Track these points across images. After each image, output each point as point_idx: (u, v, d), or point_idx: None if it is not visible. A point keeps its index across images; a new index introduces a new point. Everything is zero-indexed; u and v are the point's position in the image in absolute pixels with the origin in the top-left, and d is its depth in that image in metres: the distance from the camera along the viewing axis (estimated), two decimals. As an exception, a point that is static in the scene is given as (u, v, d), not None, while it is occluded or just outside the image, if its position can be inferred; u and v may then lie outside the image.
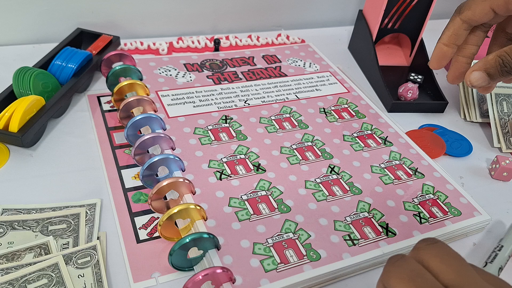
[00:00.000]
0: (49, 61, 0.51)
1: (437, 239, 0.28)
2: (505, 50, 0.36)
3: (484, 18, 0.38)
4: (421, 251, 0.27)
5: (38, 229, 0.37)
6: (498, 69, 0.36)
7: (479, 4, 0.38)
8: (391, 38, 0.67)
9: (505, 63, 0.36)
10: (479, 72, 0.37)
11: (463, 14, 0.39)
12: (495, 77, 0.37)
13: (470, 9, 0.38)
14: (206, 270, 0.32)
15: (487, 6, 0.37)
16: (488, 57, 0.37)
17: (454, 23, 0.40)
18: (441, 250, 0.27)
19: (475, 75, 0.37)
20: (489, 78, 0.37)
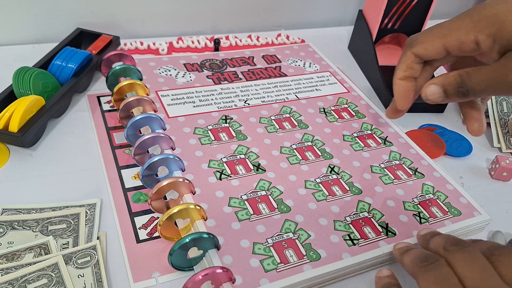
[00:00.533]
0: (49, 61, 0.51)
1: (469, 243, 0.31)
2: (467, 71, 0.35)
3: (436, 55, 0.37)
4: (451, 254, 0.31)
5: (38, 229, 0.37)
6: (455, 88, 0.35)
7: (432, 41, 0.36)
8: (391, 38, 0.67)
9: (463, 84, 0.35)
10: (437, 87, 0.36)
11: (414, 48, 0.37)
12: (450, 95, 0.36)
13: (422, 44, 0.37)
14: (206, 270, 0.32)
15: (440, 44, 0.36)
16: (449, 74, 0.36)
17: (406, 57, 0.38)
18: (468, 255, 0.30)
19: (432, 89, 0.36)
20: (445, 95, 0.36)
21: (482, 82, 0.34)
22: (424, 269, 0.31)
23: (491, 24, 0.33)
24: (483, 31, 0.33)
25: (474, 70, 0.34)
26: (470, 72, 0.35)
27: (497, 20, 0.33)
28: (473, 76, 0.34)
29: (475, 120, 0.40)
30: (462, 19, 0.35)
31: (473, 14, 0.34)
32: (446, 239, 0.33)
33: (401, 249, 0.36)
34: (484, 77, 0.34)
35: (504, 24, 0.32)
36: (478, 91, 0.34)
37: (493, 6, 0.33)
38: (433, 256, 0.32)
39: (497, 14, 0.33)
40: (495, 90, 0.34)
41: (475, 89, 0.34)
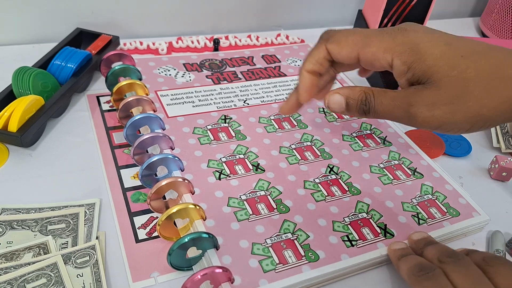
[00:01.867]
0: (49, 61, 0.51)
1: (463, 254, 0.34)
2: (374, 91, 0.34)
3: (347, 60, 0.35)
4: (446, 265, 0.32)
5: (37, 228, 0.37)
6: (357, 103, 0.34)
7: (348, 46, 0.35)
8: (390, 38, 0.67)
9: (367, 102, 0.33)
10: (341, 97, 0.34)
11: (330, 44, 0.35)
12: (351, 109, 0.34)
13: (339, 44, 0.35)
14: (205, 269, 0.32)
15: (355, 52, 0.34)
16: (356, 88, 0.34)
17: (320, 50, 0.36)
18: (463, 267, 0.32)
19: (336, 98, 0.35)
20: (346, 107, 0.35)
21: (385, 106, 0.33)
22: (421, 278, 0.32)
23: (411, 53, 0.32)
24: (401, 56, 0.32)
25: (381, 92, 0.33)
26: (376, 93, 0.33)
27: (417, 50, 0.32)
28: (378, 98, 0.33)
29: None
30: (384, 36, 0.34)
31: (396, 35, 0.33)
32: (441, 251, 0.35)
33: (397, 253, 0.36)
34: (388, 102, 0.33)
35: (423, 57, 0.32)
36: (379, 113, 0.33)
37: (417, 34, 0.33)
38: (430, 266, 0.33)
39: (418, 43, 0.32)
40: (395, 117, 0.33)
41: (377, 110, 0.33)
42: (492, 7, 0.77)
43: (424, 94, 0.31)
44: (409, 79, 0.33)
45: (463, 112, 0.31)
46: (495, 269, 0.31)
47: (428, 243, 0.37)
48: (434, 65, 0.31)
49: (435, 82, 0.31)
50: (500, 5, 0.75)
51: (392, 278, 0.38)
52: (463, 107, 0.31)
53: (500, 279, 0.31)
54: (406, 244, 0.38)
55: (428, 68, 0.31)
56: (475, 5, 0.88)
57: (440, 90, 0.31)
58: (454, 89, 0.31)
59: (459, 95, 0.31)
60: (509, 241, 0.42)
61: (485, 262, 0.32)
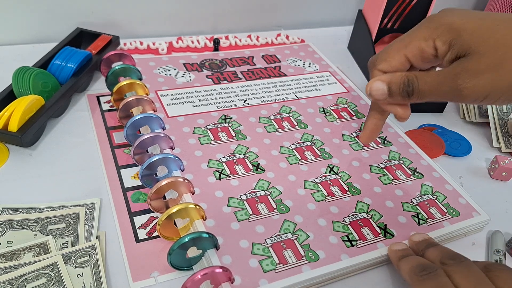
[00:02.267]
0: (49, 61, 0.51)
1: (465, 257, 0.34)
2: (415, 73, 0.35)
3: (401, 67, 0.36)
4: (448, 267, 0.33)
5: (37, 228, 0.37)
6: (400, 87, 0.35)
7: (394, 55, 0.36)
8: (390, 38, 0.67)
9: (410, 83, 0.35)
10: (382, 83, 0.36)
11: (379, 66, 0.37)
12: (394, 94, 0.35)
13: (385, 60, 0.37)
14: (205, 269, 0.32)
15: (402, 55, 0.36)
16: (397, 73, 0.36)
17: (375, 75, 0.38)
18: (465, 268, 0.32)
19: (377, 85, 0.36)
20: (389, 93, 0.36)
21: (430, 84, 0.34)
22: (423, 278, 0.32)
23: (448, 32, 0.34)
24: (440, 37, 0.34)
25: (422, 73, 0.35)
26: (418, 74, 0.35)
27: (452, 28, 0.34)
28: (421, 77, 0.34)
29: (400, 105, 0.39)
30: (419, 28, 0.36)
31: (430, 23, 0.35)
32: (443, 253, 0.35)
33: (397, 253, 0.36)
34: (431, 79, 0.34)
35: (459, 32, 0.33)
36: (424, 92, 0.34)
37: (450, 17, 0.34)
38: (432, 266, 0.33)
39: (453, 22, 0.34)
40: (442, 94, 0.34)
41: (421, 89, 0.34)
42: (492, 7, 0.77)
43: (466, 65, 0.32)
44: (452, 57, 0.34)
45: (508, 78, 0.32)
46: (497, 274, 0.32)
47: (429, 245, 0.37)
48: (471, 38, 0.32)
49: (475, 52, 0.32)
50: (500, 5, 0.75)
51: (392, 278, 0.38)
52: (507, 73, 0.32)
53: (501, 282, 0.31)
54: (406, 245, 0.38)
55: (466, 41, 0.33)
56: (475, 5, 0.88)
57: (481, 59, 0.32)
58: (494, 56, 0.32)
59: (501, 61, 0.31)
60: (509, 241, 0.42)
61: (487, 268, 0.32)
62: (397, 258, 0.36)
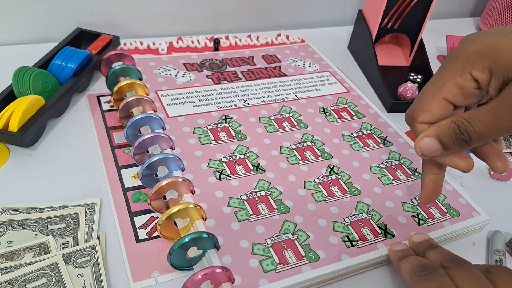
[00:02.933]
0: (49, 61, 0.51)
1: (465, 260, 0.34)
2: (463, 116, 0.30)
3: (443, 113, 0.32)
4: (448, 270, 0.32)
5: (38, 228, 0.37)
6: (453, 136, 0.30)
7: (432, 102, 0.32)
8: (390, 38, 0.67)
9: (462, 130, 0.30)
10: (431, 139, 0.31)
11: (419, 119, 0.33)
12: (449, 146, 0.31)
13: (423, 111, 0.32)
14: (205, 269, 0.32)
15: (441, 99, 0.31)
16: (442, 122, 0.31)
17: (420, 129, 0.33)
18: (466, 271, 0.32)
19: (426, 141, 0.31)
20: (442, 147, 0.31)
21: (485, 123, 0.29)
22: (424, 278, 0.32)
23: (482, 58, 0.29)
24: (476, 67, 0.29)
25: (473, 112, 0.30)
26: (467, 116, 0.30)
27: (485, 53, 0.29)
28: (472, 119, 0.30)
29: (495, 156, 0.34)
30: (449, 66, 0.31)
31: (456, 56, 0.31)
32: (443, 256, 0.35)
33: (397, 253, 0.36)
34: (486, 117, 0.29)
35: (496, 55, 0.29)
36: (483, 133, 0.29)
37: (474, 42, 0.30)
38: (432, 266, 0.33)
39: (483, 47, 0.29)
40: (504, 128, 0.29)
41: (479, 132, 0.29)
42: (492, 7, 0.77)
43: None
44: (498, 84, 0.29)
45: None
46: (497, 276, 0.31)
47: (430, 247, 0.37)
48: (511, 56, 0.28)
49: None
50: (500, 5, 0.75)
51: (392, 278, 0.38)
52: None
53: (502, 284, 0.31)
54: (406, 245, 0.38)
55: (508, 61, 0.28)
56: (475, 5, 0.88)
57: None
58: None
59: None
60: (509, 241, 0.42)
61: (487, 271, 0.32)
62: (397, 258, 0.36)
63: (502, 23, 0.75)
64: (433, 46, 0.74)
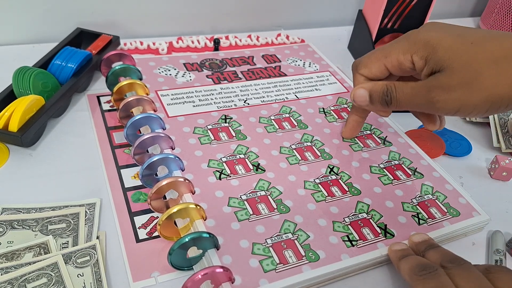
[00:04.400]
0: (49, 61, 0.51)
1: (465, 260, 0.34)
2: (395, 84, 0.38)
3: (380, 75, 0.40)
4: (448, 270, 0.33)
5: (38, 228, 0.37)
6: (379, 95, 0.38)
7: (375, 63, 0.39)
8: (390, 38, 0.67)
9: (388, 93, 0.37)
10: (364, 90, 0.39)
11: (361, 70, 0.41)
12: (374, 101, 0.39)
13: (366, 66, 0.40)
14: (205, 269, 0.32)
15: (382, 65, 0.39)
16: (379, 82, 0.39)
17: (357, 79, 0.42)
18: (466, 270, 0.32)
19: (360, 92, 0.39)
20: (369, 100, 0.39)
21: (406, 95, 0.37)
22: (424, 277, 0.32)
23: (425, 48, 0.36)
24: (417, 53, 0.36)
25: (401, 84, 0.37)
26: (397, 84, 0.37)
27: (429, 44, 0.36)
28: (399, 88, 0.37)
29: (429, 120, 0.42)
30: (400, 42, 0.38)
31: (409, 37, 0.37)
32: (443, 256, 0.35)
33: (397, 253, 0.37)
34: (408, 91, 0.36)
35: (435, 49, 0.35)
36: (401, 102, 0.37)
37: (428, 33, 0.36)
38: (432, 266, 0.33)
39: (430, 39, 0.36)
40: (417, 105, 0.37)
41: (399, 99, 0.37)
42: (492, 7, 0.77)
43: (440, 80, 0.35)
44: (428, 72, 0.36)
45: (478, 93, 0.33)
46: (497, 276, 0.32)
47: (430, 247, 0.37)
48: (446, 54, 0.34)
49: (448, 68, 0.34)
50: (500, 5, 0.75)
51: (392, 278, 0.38)
52: (478, 88, 0.33)
53: (501, 284, 0.31)
54: (406, 245, 0.38)
55: (441, 58, 0.35)
56: (475, 5, 0.88)
57: (454, 75, 0.34)
58: (466, 72, 0.34)
59: (472, 77, 0.33)
60: (509, 241, 0.42)
61: (487, 271, 0.33)
62: (397, 258, 0.36)
63: (502, 23, 0.75)
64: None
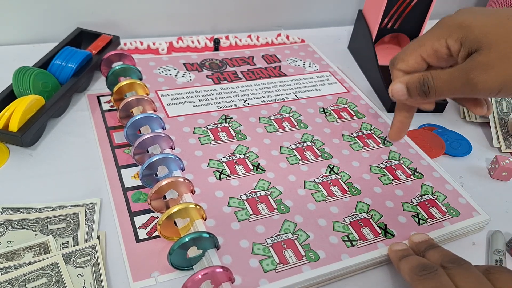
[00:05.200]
0: (49, 61, 0.51)
1: (465, 260, 0.34)
2: (431, 73, 0.37)
3: (418, 67, 0.39)
4: (448, 270, 0.33)
5: (38, 228, 0.37)
6: (416, 86, 0.37)
7: (411, 55, 0.38)
8: (390, 38, 0.67)
9: (425, 82, 0.36)
10: (401, 84, 0.38)
11: (398, 65, 0.39)
12: (412, 94, 0.38)
13: (403, 60, 0.39)
14: (205, 269, 0.32)
15: (418, 55, 0.38)
16: (414, 74, 0.38)
17: (395, 75, 0.40)
18: (466, 271, 0.32)
19: (397, 86, 0.38)
20: (408, 93, 0.38)
21: (444, 81, 0.36)
22: (424, 277, 0.32)
23: (458, 30, 0.35)
24: (452, 36, 0.36)
25: (438, 71, 0.36)
26: (433, 73, 0.36)
27: (463, 26, 0.35)
28: (436, 76, 0.36)
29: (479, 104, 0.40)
30: (433, 30, 0.38)
31: (442, 24, 0.37)
32: (443, 256, 0.35)
33: (397, 253, 0.37)
34: (446, 77, 0.35)
35: (469, 29, 0.34)
36: (439, 89, 0.36)
37: (460, 16, 0.36)
38: (432, 266, 0.33)
39: (463, 21, 0.35)
40: (457, 89, 0.35)
41: (437, 87, 0.36)
42: (492, 7, 0.77)
43: (478, 59, 0.33)
44: (464, 55, 0.35)
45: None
46: (497, 276, 0.32)
47: (430, 247, 0.37)
48: (480, 33, 0.34)
49: (486, 46, 0.33)
50: (500, 5, 0.75)
51: (392, 278, 0.38)
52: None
53: (501, 284, 0.31)
54: (406, 245, 0.38)
55: (477, 36, 0.34)
56: (475, 5, 0.88)
57: (492, 51, 0.33)
58: (503, 48, 0.32)
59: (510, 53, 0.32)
60: (509, 241, 0.42)
61: (487, 271, 0.33)
62: (397, 258, 0.36)
63: (502, 23, 0.75)
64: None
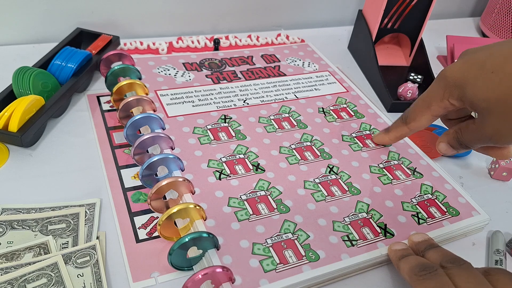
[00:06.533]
0: (49, 61, 0.51)
1: (464, 260, 0.34)
2: (460, 127, 0.39)
3: (430, 123, 0.42)
4: (447, 270, 0.33)
5: (38, 228, 0.37)
6: (455, 142, 0.40)
7: (422, 115, 0.41)
8: (390, 38, 0.67)
9: (459, 140, 0.39)
10: (444, 144, 0.41)
11: (410, 125, 0.43)
12: (456, 148, 0.40)
13: (415, 121, 0.42)
14: (206, 269, 0.32)
15: (429, 115, 0.41)
16: (449, 131, 0.41)
17: (402, 130, 0.44)
18: (466, 271, 0.33)
19: (442, 146, 0.42)
20: (453, 148, 0.41)
21: (471, 139, 0.38)
22: (423, 277, 0.32)
23: (454, 90, 0.37)
24: (451, 96, 0.37)
25: (463, 128, 0.39)
26: (462, 129, 0.39)
27: (456, 86, 0.36)
28: (464, 133, 0.39)
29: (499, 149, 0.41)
30: (435, 87, 0.39)
31: (440, 81, 0.38)
32: (443, 256, 0.35)
33: (397, 253, 0.37)
34: (471, 136, 0.38)
35: (463, 89, 0.36)
36: (473, 145, 0.39)
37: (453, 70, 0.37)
38: (431, 266, 0.33)
39: (455, 80, 0.36)
40: (485, 143, 0.38)
41: (469, 144, 0.39)
42: (492, 7, 0.77)
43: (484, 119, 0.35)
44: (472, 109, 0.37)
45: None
46: (497, 277, 0.32)
47: (430, 247, 0.37)
48: (473, 93, 0.35)
49: (480, 107, 0.35)
50: (500, 5, 0.75)
51: (392, 278, 0.38)
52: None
53: (501, 285, 0.31)
54: (406, 245, 0.38)
55: (470, 98, 0.35)
56: (475, 5, 0.88)
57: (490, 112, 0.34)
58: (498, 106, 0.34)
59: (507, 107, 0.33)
60: (509, 241, 0.42)
61: (487, 272, 0.33)
62: (397, 258, 0.36)
63: (502, 23, 0.75)
64: (433, 46, 0.74)
